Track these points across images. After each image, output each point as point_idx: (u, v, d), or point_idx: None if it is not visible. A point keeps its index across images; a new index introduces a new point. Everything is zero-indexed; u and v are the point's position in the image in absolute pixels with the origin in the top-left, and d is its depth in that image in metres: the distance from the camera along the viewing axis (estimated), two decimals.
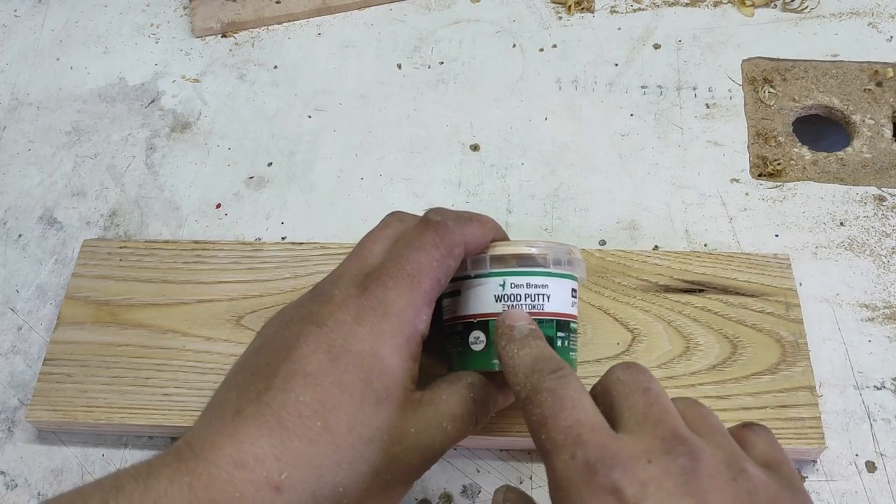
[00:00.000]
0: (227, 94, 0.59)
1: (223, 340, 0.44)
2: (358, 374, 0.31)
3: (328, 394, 0.30)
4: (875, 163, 0.53)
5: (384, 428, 0.31)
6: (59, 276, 0.50)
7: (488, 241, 0.37)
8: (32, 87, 0.60)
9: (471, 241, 0.35)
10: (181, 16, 0.64)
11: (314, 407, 0.30)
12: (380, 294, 0.32)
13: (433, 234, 0.34)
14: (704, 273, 0.45)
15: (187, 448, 0.29)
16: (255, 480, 0.28)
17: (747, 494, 0.27)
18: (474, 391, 0.34)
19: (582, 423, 0.28)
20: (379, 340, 0.32)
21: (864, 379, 0.44)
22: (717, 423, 0.30)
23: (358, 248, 0.35)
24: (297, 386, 0.30)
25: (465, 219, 0.35)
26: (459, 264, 0.35)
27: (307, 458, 0.29)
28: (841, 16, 0.60)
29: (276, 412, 0.29)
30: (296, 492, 0.28)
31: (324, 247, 0.47)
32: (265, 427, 0.29)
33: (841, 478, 0.41)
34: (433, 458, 0.33)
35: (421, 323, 0.33)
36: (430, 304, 0.33)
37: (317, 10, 0.63)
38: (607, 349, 0.43)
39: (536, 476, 0.42)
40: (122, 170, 0.55)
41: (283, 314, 0.35)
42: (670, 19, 0.61)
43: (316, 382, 0.30)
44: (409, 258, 0.33)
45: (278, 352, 0.31)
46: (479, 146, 0.55)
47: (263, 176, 0.54)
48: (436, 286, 0.33)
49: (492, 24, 0.62)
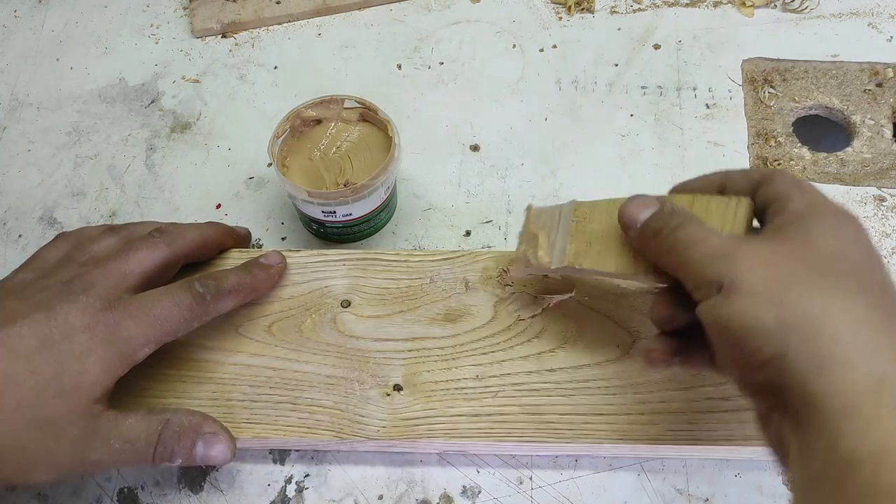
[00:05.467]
0: (227, 95, 0.59)
1: (223, 349, 0.43)
2: (52, 368, 0.35)
3: (14, 375, 0.34)
4: (875, 163, 0.53)
5: (49, 419, 0.35)
6: None
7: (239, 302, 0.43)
8: (32, 88, 0.60)
9: (222, 310, 0.42)
10: (181, 16, 0.64)
11: (5, 377, 0.34)
12: (119, 319, 0.37)
13: (191, 299, 0.40)
14: None
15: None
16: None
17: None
18: (164, 428, 0.38)
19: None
20: (93, 351, 0.36)
21: None
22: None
23: (117, 262, 0.40)
24: (6, 354, 0.35)
25: (224, 293, 0.41)
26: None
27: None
28: (841, 16, 0.60)
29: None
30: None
31: (322, 253, 0.47)
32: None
33: None
34: (89, 468, 0.37)
35: (141, 355, 0.38)
36: (157, 345, 0.39)
37: (317, 11, 0.63)
38: (607, 352, 0.43)
39: (536, 477, 0.42)
40: (122, 170, 0.55)
41: (20, 279, 0.40)
42: (670, 19, 0.61)
43: (11, 359, 0.35)
44: (162, 303, 0.39)
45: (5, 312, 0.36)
46: (479, 146, 0.55)
47: (263, 176, 0.54)
48: (171, 335, 0.39)
49: (492, 25, 0.62)
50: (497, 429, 0.40)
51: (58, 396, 0.35)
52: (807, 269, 0.31)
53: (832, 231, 0.32)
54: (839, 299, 0.29)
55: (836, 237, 0.32)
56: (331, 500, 0.42)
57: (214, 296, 0.41)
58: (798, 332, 0.29)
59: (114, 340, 0.37)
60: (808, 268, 0.31)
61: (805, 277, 0.30)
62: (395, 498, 0.41)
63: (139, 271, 0.40)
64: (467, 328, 0.44)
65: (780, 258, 0.31)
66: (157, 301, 0.39)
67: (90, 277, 0.38)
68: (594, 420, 0.40)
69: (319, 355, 0.43)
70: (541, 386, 0.42)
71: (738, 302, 0.30)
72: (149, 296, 0.39)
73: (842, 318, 0.29)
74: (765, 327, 0.29)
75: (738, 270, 0.31)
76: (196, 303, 0.40)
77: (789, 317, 0.29)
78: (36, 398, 0.35)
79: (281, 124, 0.48)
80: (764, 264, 0.31)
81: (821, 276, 0.30)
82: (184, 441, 0.38)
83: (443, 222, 0.51)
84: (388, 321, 0.44)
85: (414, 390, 0.42)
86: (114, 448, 0.37)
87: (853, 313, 0.29)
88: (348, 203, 0.46)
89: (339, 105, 0.49)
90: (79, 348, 0.36)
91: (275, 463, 0.43)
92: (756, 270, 0.31)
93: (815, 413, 0.28)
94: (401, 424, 0.41)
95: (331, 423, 0.41)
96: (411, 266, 0.46)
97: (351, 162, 0.48)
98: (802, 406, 0.28)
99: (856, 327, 0.29)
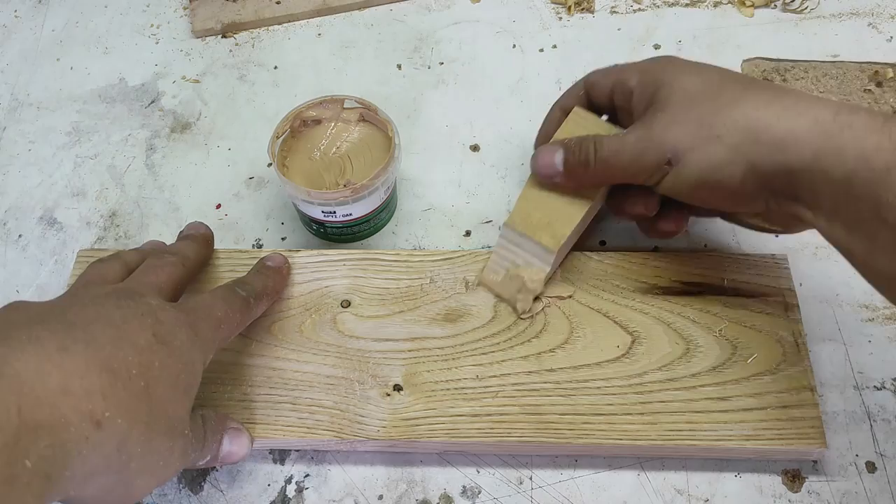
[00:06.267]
0: (227, 95, 0.59)
1: (223, 350, 0.43)
2: (176, 364, 0.33)
3: (151, 365, 0.32)
4: None
5: (183, 416, 0.34)
6: (58, 277, 0.50)
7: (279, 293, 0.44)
8: (32, 88, 0.60)
9: (257, 314, 0.42)
10: (181, 16, 0.64)
11: (139, 370, 0.32)
12: (194, 321, 0.36)
13: (241, 302, 0.39)
14: (704, 274, 0.45)
15: (14, 377, 0.29)
16: (81, 410, 0.29)
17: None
18: (204, 423, 0.37)
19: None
20: (193, 347, 0.35)
21: (864, 379, 0.44)
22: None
23: (148, 276, 0.39)
24: (126, 346, 0.32)
25: (260, 296, 0.41)
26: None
27: (126, 408, 0.30)
28: (841, 16, 0.60)
29: (104, 359, 0.31)
30: (110, 434, 0.30)
31: (322, 253, 0.47)
32: (95, 366, 0.30)
33: (841, 478, 0.41)
34: (174, 473, 0.35)
35: (211, 356, 0.37)
36: (220, 348, 0.38)
37: (317, 11, 0.63)
38: (607, 352, 0.43)
39: (537, 477, 0.42)
40: (123, 170, 0.55)
41: (94, 290, 0.36)
42: (670, 20, 0.61)
43: (141, 352, 0.32)
44: (218, 306, 0.38)
45: (101, 312, 0.33)
46: (479, 146, 0.55)
47: (263, 176, 0.54)
48: (227, 339, 0.38)
49: (492, 25, 0.62)
50: (497, 429, 0.40)
51: (185, 393, 0.34)
52: (704, 106, 0.37)
53: (681, 75, 0.39)
54: (742, 103, 0.36)
55: (688, 76, 0.39)
56: (331, 500, 0.42)
57: (255, 299, 0.40)
58: (746, 141, 0.36)
59: (195, 340, 0.35)
60: (702, 105, 0.37)
61: (708, 110, 0.37)
62: (395, 498, 0.41)
63: (171, 284, 0.39)
64: (467, 328, 0.44)
65: (681, 113, 0.38)
66: (214, 304, 0.38)
67: (138, 288, 0.37)
68: (594, 420, 0.40)
69: (319, 355, 0.43)
70: (540, 386, 0.42)
71: (690, 161, 0.37)
72: (203, 299, 0.38)
73: (759, 112, 0.36)
74: (722, 158, 0.36)
75: (671, 143, 0.38)
76: (245, 305, 0.39)
77: (729, 139, 0.36)
78: (173, 392, 0.33)
79: (281, 124, 0.48)
80: (678, 124, 0.38)
81: (714, 102, 0.37)
82: (217, 436, 0.38)
83: (443, 222, 0.51)
84: (388, 321, 0.44)
85: (414, 390, 0.42)
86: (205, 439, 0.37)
87: (761, 102, 0.36)
88: (348, 203, 0.46)
89: (339, 105, 0.49)
90: (185, 346, 0.34)
91: (275, 463, 0.43)
92: (679, 134, 0.37)
93: (817, 170, 0.34)
94: (401, 424, 0.41)
95: (331, 423, 0.41)
96: (411, 266, 0.46)
97: (351, 162, 0.48)
98: (797, 176, 0.35)
99: (767, 106, 0.36)
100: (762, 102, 0.36)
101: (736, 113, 0.36)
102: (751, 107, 0.36)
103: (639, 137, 0.39)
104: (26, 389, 0.28)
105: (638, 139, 0.39)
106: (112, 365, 0.31)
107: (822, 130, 0.34)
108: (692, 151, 0.37)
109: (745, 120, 0.36)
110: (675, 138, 0.37)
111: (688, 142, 0.37)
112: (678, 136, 0.37)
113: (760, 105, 0.36)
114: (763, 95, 0.36)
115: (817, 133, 0.34)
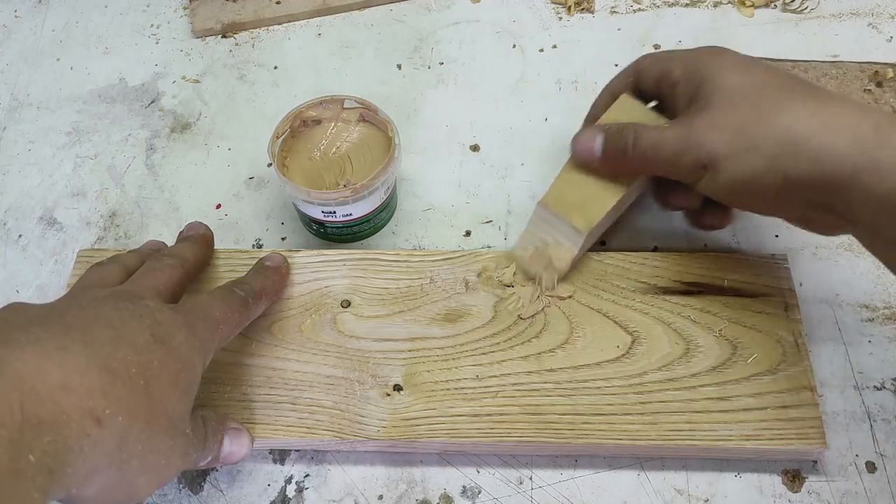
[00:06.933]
0: (227, 95, 0.59)
1: (223, 350, 0.43)
2: (175, 363, 0.34)
3: (150, 364, 0.32)
4: None
5: (183, 415, 0.34)
6: (59, 277, 0.50)
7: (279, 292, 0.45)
8: (32, 88, 0.60)
9: (256, 314, 0.42)
10: (181, 16, 0.64)
11: (138, 369, 0.32)
12: (192, 321, 0.36)
13: (240, 302, 0.39)
14: (703, 274, 0.45)
15: (14, 374, 0.29)
16: (81, 407, 0.29)
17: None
18: (205, 423, 0.37)
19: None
20: (192, 348, 0.35)
21: (864, 379, 0.44)
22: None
23: (147, 278, 0.39)
24: (124, 347, 0.32)
25: (258, 296, 0.41)
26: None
27: (127, 406, 0.31)
28: (841, 16, 0.60)
29: (103, 359, 0.31)
30: (111, 431, 0.30)
31: (322, 253, 0.47)
32: (94, 366, 0.30)
33: (841, 478, 0.41)
34: (175, 474, 0.35)
35: (210, 357, 0.37)
36: (218, 348, 0.37)
37: (317, 11, 0.63)
38: (607, 352, 0.43)
39: (537, 477, 0.42)
40: (122, 170, 0.55)
41: (93, 293, 0.36)
42: (670, 20, 0.61)
43: (139, 352, 0.32)
44: (216, 306, 0.38)
45: (99, 314, 0.33)
46: (479, 146, 0.55)
47: (263, 176, 0.54)
48: (226, 339, 0.38)
49: (492, 25, 0.62)
50: (497, 429, 0.40)
51: (185, 392, 0.34)
52: (744, 111, 0.37)
53: (725, 72, 0.39)
54: (783, 113, 0.36)
55: (732, 74, 0.39)
56: (331, 500, 0.42)
57: (253, 299, 0.40)
58: (784, 153, 0.35)
59: (194, 340, 0.35)
60: (742, 109, 0.37)
61: (748, 116, 0.37)
62: (395, 498, 0.41)
63: (170, 286, 0.39)
64: (467, 328, 0.44)
65: (720, 116, 0.38)
66: (211, 304, 0.38)
67: (137, 290, 0.37)
68: (594, 420, 0.40)
69: (319, 355, 0.43)
70: (540, 386, 0.42)
71: (727, 170, 0.37)
72: (201, 300, 0.38)
73: (799, 124, 0.35)
74: (759, 169, 0.36)
75: (708, 148, 0.38)
76: (243, 305, 0.39)
77: (767, 150, 0.36)
78: (172, 391, 0.33)
79: (281, 124, 0.48)
80: (717, 130, 0.37)
81: (754, 109, 0.37)
82: (217, 436, 0.38)
83: (443, 222, 0.51)
84: (388, 321, 0.44)
85: (414, 390, 0.42)
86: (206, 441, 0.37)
87: (803, 111, 0.36)
88: (348, 203, 0.46)
89: (339, 105, 0.49)
90: (184, 346, 0.34)
91: (275, 463, 0.43)
92: (717, 140, 0.37)
93: (856, 179, 0.34)
94: (401, 424, 0.41)
95: (331, 423, 0.41)
96: (411, 266, 0.46)
97: (351, 162, 0.48)
98: (836, 187, 0.35)
99: (808, 118, 0.35)
100: (803, 115, 0.36)
101: (775, 123, 0.36)
102: (791, 118, 0.36)
103: (678, 136, 0.39)
104: (27, 386, 0.28)
105: (677, 138, 0.39)
106: (111, 364, 0.31)
107: (861, 147, 0.34)
108: (728, 160, 0.37)
109: (784, 132, 0.36)
110: (712, 144, 0.37)
111: (725, 150, 0.37)
112: (716, 142, 0.37)
113: (801, 117, 0.35)
114: (805, 107, 0.36)
115: (857, 150, 0.34)
